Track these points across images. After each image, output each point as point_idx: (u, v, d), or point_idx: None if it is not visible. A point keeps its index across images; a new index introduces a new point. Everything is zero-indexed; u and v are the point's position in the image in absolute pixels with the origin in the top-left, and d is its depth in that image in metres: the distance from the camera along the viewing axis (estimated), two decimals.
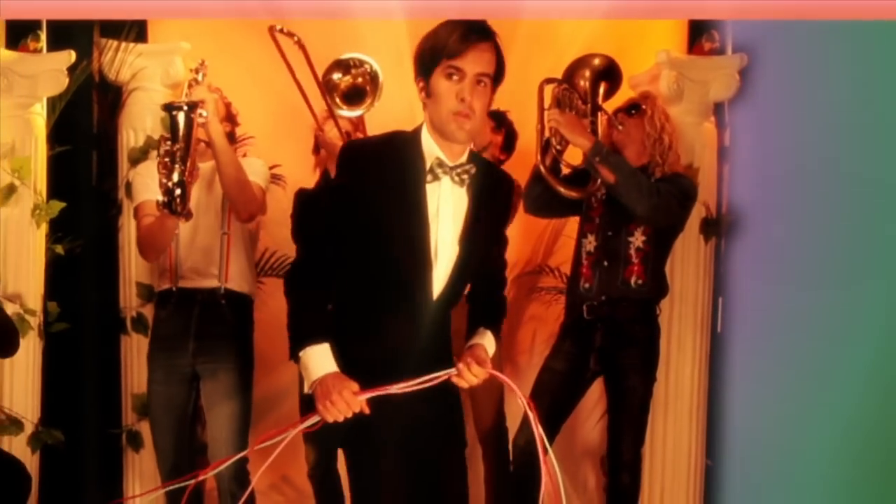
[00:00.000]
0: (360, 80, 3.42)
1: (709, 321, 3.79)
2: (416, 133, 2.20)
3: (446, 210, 2.23)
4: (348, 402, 2.04)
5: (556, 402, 3.32)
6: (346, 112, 3.34)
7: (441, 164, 2.18)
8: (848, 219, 3.31)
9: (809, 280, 3.43)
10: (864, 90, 3.26)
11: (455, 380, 2.20)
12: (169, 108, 3.08)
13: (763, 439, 3.58)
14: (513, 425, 3.40)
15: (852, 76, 3.28)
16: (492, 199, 2.34)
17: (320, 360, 2.12)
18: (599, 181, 3.22)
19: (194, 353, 3.22)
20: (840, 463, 3.34)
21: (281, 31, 3.15)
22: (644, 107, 3.30)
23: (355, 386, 2.06)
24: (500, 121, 3.45)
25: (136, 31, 3.62)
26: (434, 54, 2.18)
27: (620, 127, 3.27)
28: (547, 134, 3.31)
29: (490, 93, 2.24)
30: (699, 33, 3.81)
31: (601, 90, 3.36)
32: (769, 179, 3.58)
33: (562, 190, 3.25)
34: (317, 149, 3.49)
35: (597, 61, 3.42)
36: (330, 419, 2.05)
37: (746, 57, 3.67)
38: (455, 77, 2.16)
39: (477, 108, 2.18)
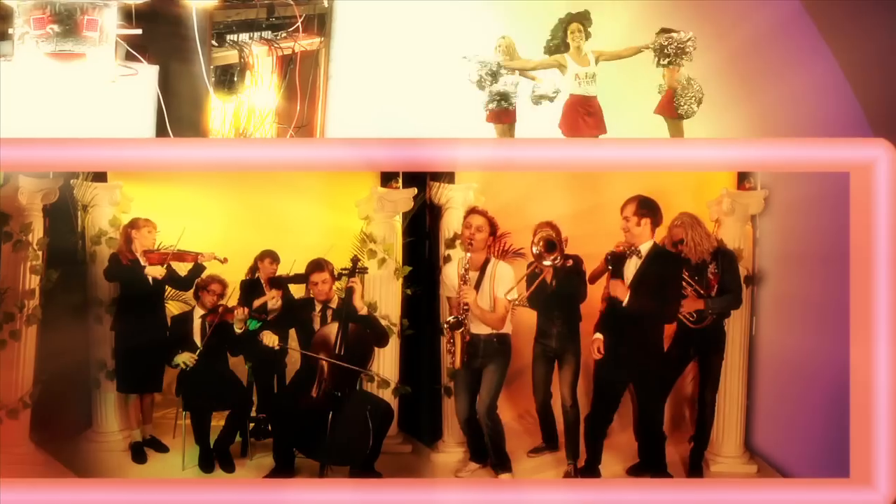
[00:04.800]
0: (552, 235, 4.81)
1: (748, 328, 5.04)
2: None
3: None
4: None
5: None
6: (547, 262, 4.83)
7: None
8: (821, 273, 4.56)
9: (801, 306, 4.79)
10: (831, 205, 4.33)
11: None
12: (452, 325, 4.75)
13: (778, 391, 4.97)
14: None
15: (826, 199, 4.41)
16: (656, 265, 4.58)
17: None
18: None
19: (480, 358, 4.88)
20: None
21: None
22: (683, 237, 4.86)
23: None
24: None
25: (448, 177, 5.00)
26: None
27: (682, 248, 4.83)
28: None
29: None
30: (743, 178, 5.02)
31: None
32: (780, 256, 5.00)
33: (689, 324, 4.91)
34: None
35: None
36: None
37: (768, 191, 4.99)
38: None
39: (635, 233, 4.58)
